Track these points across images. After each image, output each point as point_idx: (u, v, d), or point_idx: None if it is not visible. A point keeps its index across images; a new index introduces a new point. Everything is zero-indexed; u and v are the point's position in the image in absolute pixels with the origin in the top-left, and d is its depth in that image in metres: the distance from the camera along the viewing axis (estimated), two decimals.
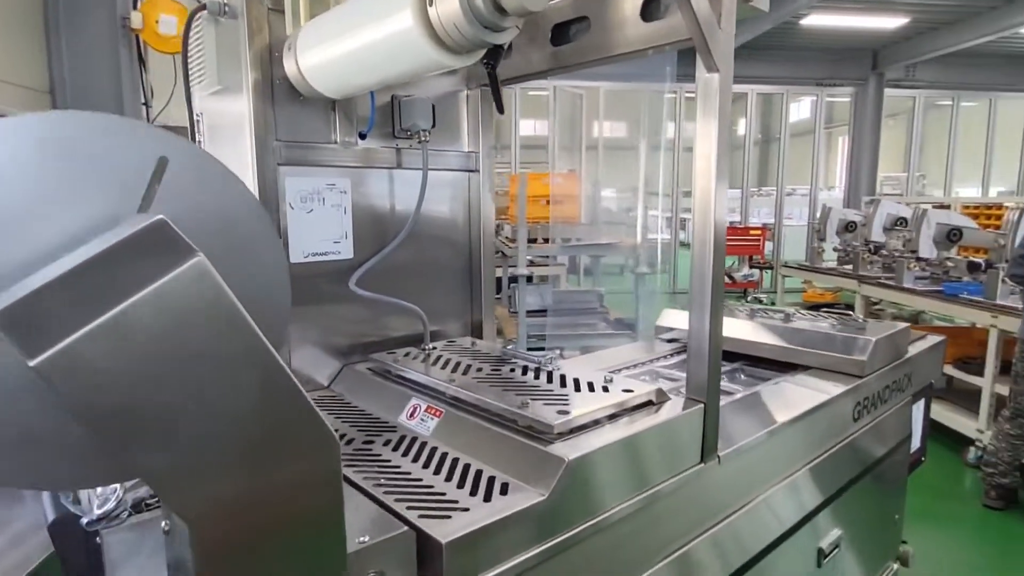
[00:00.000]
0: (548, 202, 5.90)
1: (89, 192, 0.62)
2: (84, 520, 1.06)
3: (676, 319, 2.31)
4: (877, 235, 5.84)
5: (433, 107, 1.57)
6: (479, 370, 1.39)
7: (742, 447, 1.36)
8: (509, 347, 1.54)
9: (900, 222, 5.69)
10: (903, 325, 2.13)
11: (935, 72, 11.42)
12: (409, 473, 1.05)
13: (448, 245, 1.75)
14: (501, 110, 1.12)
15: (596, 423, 1.15)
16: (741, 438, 1.38)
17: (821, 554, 1.74)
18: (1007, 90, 11.86)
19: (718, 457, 1.30)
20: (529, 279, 4.77)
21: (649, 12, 1.26)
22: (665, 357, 2.12)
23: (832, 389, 1.75)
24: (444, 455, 1.11)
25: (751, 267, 11.31)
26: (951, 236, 4.85)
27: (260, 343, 0.56)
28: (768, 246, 11.66)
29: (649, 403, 1.24)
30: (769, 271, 11.31)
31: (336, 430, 0.95)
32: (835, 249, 6.72)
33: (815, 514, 1.69)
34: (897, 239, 5.69)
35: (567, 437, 1.08)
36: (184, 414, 0.54)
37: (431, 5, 0.90)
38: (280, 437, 0.59)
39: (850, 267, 6.17)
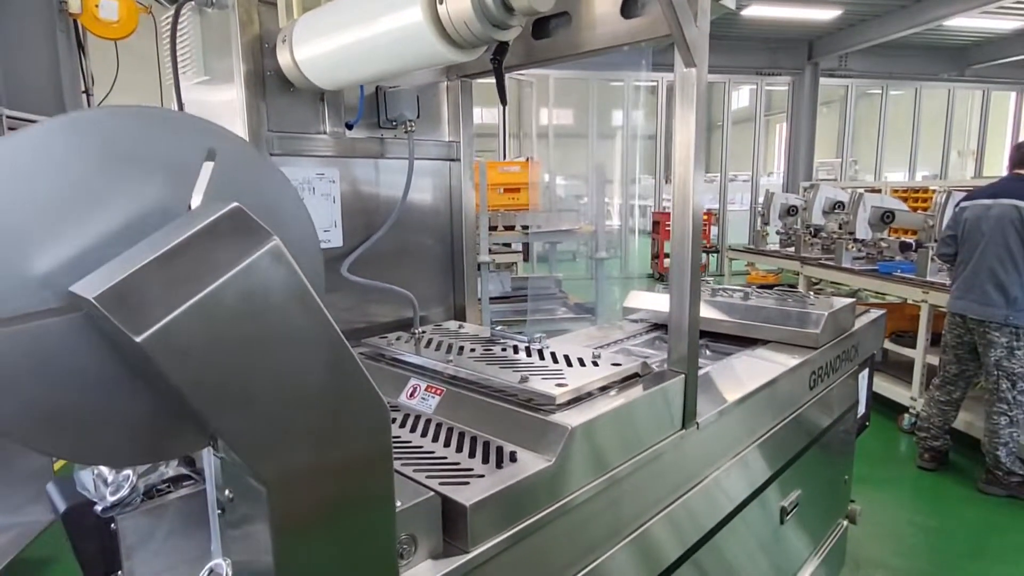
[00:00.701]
0: (505, 190, 5.97)
1: (142, 182, 0.65)
2: (99, 507, 1.08)
3: (643, 300, 2.42)
4: (817, 218, 6.15)
5: (417, 97, 1.62)
6: (472, 351, 1.45)
7: (717, 414, 1.48)
8: (497, 328, 1.61)
9: (838, 206, 6.01)
10: (850, 300, 2.30)
11: (866, 62, 11.99)
12: (421, 447, 1.11)
13: (431, 232, 1.80)
14: (504, 102, 1.18)
15: (590, 394, 1.24)
16: (715, 406, 1.50)
17: (784, 512, 1.89)
18: (930, 79, 12.56)
19: (697, 423, 1.41)
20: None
21: (629, 9, 1.34)
22: (635, 336, 2.23)
23: (790, 360, 1.89)
24: (451, 429, 1.18)
25: None
26: (884, 218, 5.16)
27: (327, 320, 0.62)
28: (713, 231, 12.07)
29: (636, 375, 1.34)
30: (715, 255, 11.71)
31: None
32: (777, 232, 7.05)
33: (778, 475, 1.83)
34: (835, 222, 6.02)
35: (567, 407, 1.16)
36: (264, 385, 0.59)
37: (441, 3, 0.95)
38: (343, 406, 0.65)
39: (792, 249, 6.49)
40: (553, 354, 1.41)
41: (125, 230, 0.64)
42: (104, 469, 1.13)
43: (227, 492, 0.67)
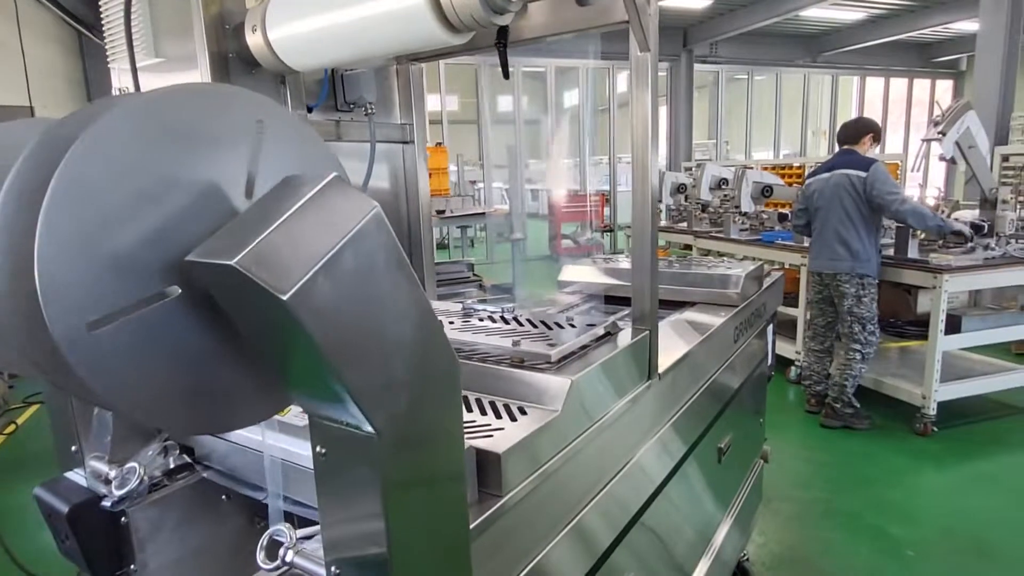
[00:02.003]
0: None
1: (204, 158, 0.68)
2: (107, 502, 1.07)
3: (577, 273, 2.57)
4: (705, 195, 6.64)
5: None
6: (451, 323, 1.52)
7: (672, 366, 1.64)
8: (468, 302, 1.69)
9: (723, 182, 6.52)
10: (759, 262, 2.58)
11: (733, 49, 12.94)
12: None
13: (387, 215, 1.83)
14: (507, 76, 1.28)
15: (574, 353, 1.35)
16: (669, 360, 1.66)
17: (720, 452, 2.12)
18: (788, 65, 13.77)
19: (659, 375, 1.56)
20: None
21: None
22: (574, 307, 2.37)
23: (719, 318, 2.11)
24: None
25: (593, 231, 12.18)
26: (764, 192, 5.68)
27: (416, 281, 0.68)
28: (606, 211, 12.61)
29: (608, 334, 1.47)
30: (609, 234, 12.25)
31: None
32: (668, 208, 7.54)
33: (716, 420, 2.05)
34: (719, 197, 6.54)
35: (560, 365, 1.27)
36: (374, 340, 0.64)
37: None
38: (429, 359, 0.71)
39: (684, 224, 6.97)
40: (529, 320, 1.50)
41: (191, 206, 0.66)
42: (105, 465, 1.10)
43: (320, 448, 0.71)
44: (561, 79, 12.32)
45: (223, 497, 1.20)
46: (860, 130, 4.18)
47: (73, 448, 1.14)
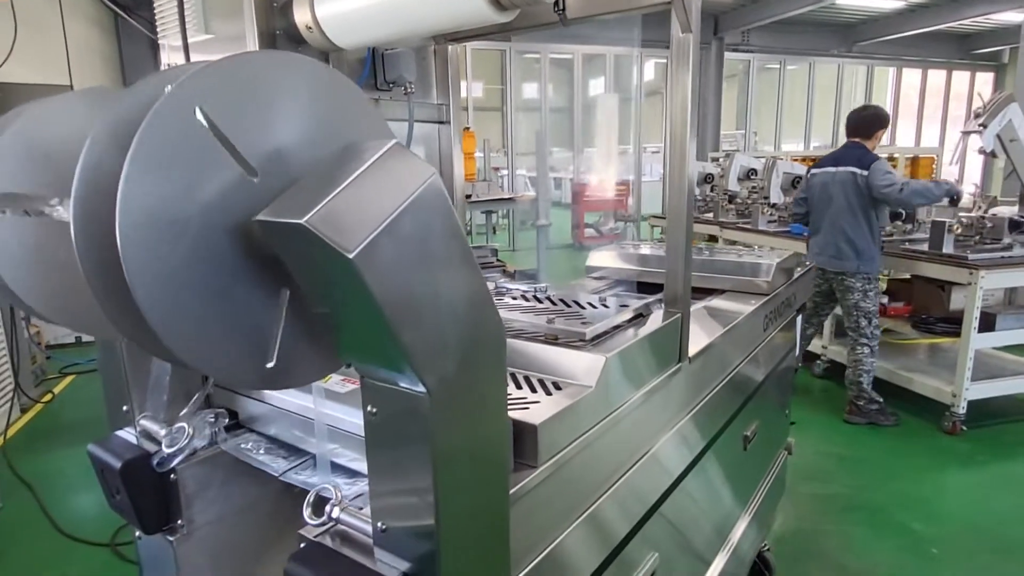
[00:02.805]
0: None
1: (276, 120, 0.70)
2: (156, 460, 1.11)
3: (605, 259, 2.58)
4: (733, 185, 6.57)
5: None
6: None
7: (701, 351, 1.65)
8: (500, 281, 1.71)
9: (752, 172, 6.44)
10: (790, 252, 2.56)
11: (766, 38, 12.70)
12: None
13: None
14: (567, 24, 1.36)
15: (607, 332, 1.36)
16: (698, 345, 1.67)
17: (746, 440, 2.12)
18: (822, 55, 13.49)
19: (689, 359, 1.57)
20: None
21: None
22: (602, 292, 2.38)
23: (748, 306, 2.10)
24: None
25: (616, 220, 12.12)
26: (795, 183, 5.60)
27: (469, 248, 0.70)
28: (628, 201, 12.52)
29: (640, 315, 1.48)
30: (632, 224, 12.17)
31: None
32: (695, 198, 7.46)
33: (743, 407, 2.05)
34: (747, 188, 6.47)
35: (594, 343, 1.28)
36: (429, 302, 0.66)
37: None
38: (479, 326, 0.73)
39: (710, 215, 6.91)
40: (562, 299, 1.52)
41: (259, 167, 0.69)
42: (155, 424, 1.15)
43: (370, 408, 0.74)
44: (588, 67, 12.23)
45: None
46: (872, 124, 4.12)
47: (124, 408, 1.19)
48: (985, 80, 14.95)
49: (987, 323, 3.99)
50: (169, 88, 0.58)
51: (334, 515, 0.87)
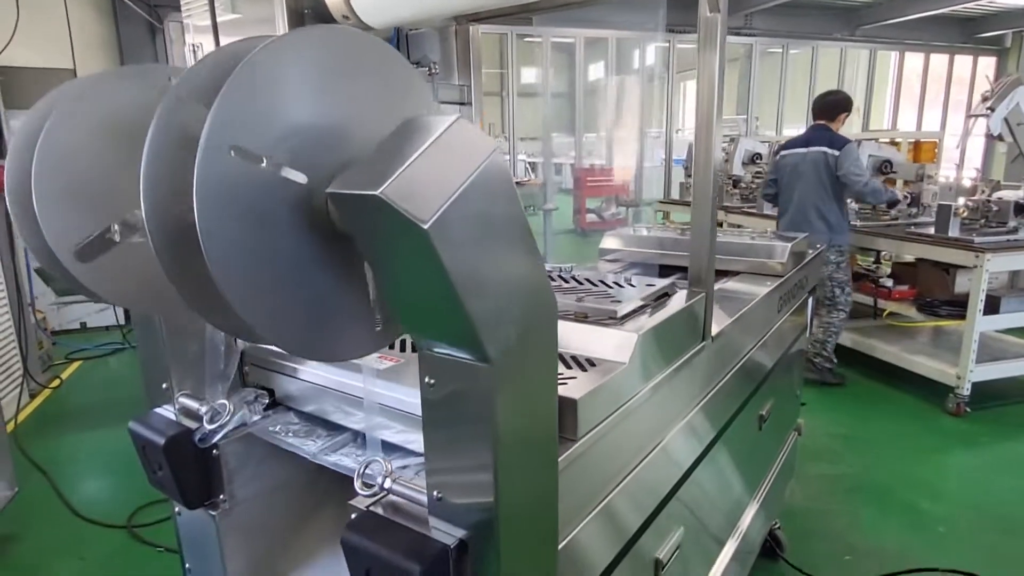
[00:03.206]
0: None
1: (346, 91, 0.72)
2: (198, 436, 1.13)
3: (618, 241, 2.59)
4: (737, 169, 6.57)
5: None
6: None
7: (722, 330, 1.67)
8: None
9: (756, 157, 6.44)
10: (805, 235, 2.57)
11: (769, 21, 12.62)
12: None
13: None
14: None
15: (636, 310, 1.38)
16: (719, 325, 1.69)
17: (761, 420, 2.15)
18: (826, 39, 13.41)
19: (712, 337, 1.59)
20: None
21: None
22: (617, 274, 2.40)
23: (764, 288, 2.12)
24: None
25: (618, 206, 12.11)
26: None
27: (526, 219, 0.71)
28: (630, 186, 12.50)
29: (666, 294, 1.50)
30: (635, 209, 12.16)
31: None
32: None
33: (759, 387, 2.08)
34: (751, 172, 6.46)
35: (624, 320, 1.30)
36: (493, 273, 0.68)
37: None
38: (535, 297, 0.75)
39: None
40: (588, 279, 1.54)
41: (328, 137, 0.71)
42: (195, 402, 1.17)
43: (428, 379, 0.76)
44: (589, 51, 12.14)
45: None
46: (836, 107, 4.48)
47: (164, 385, 1.20)
48: (987, 64, 14.88)
49: (992, 306, 4.02)
50: (258, 48, 0.59)
51: (385, 485, 0.88)
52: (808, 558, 2.59)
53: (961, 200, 4.74)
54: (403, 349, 1.23)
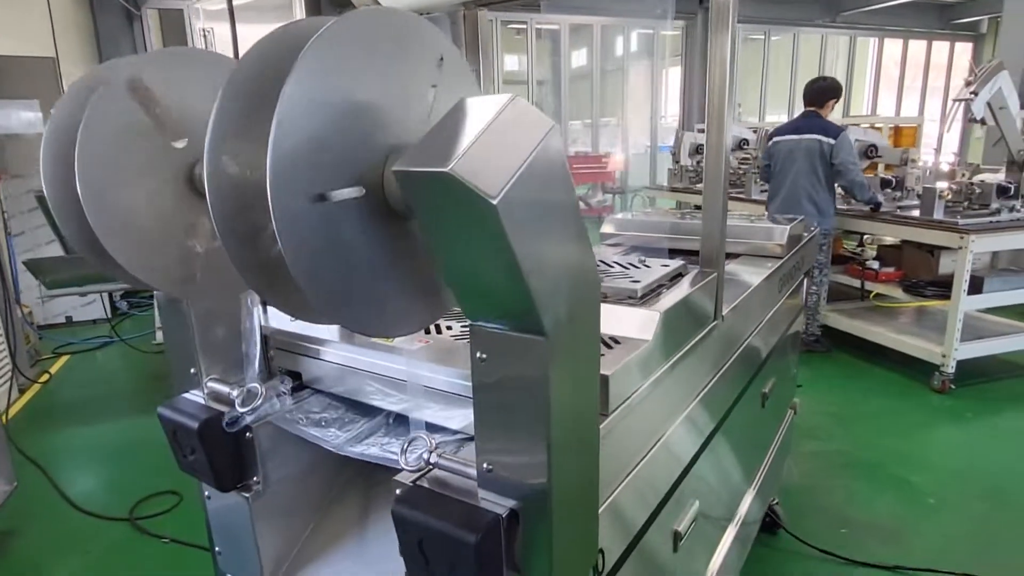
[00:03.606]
0: None
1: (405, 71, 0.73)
2: (227, 420, 1.14)
3: (620, 225, 2.61)
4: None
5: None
6: None
7: (731, 310, 1.71)
8: None
9: (743, 143, 6.50)
10: (801, 218, 2.62)
11: (751, 7, 12.68)
12: None
13: None
14: None
15: (654, 290, 1.41)
16: (727, 305, 1.73)
17: (764, 398, 2.20)
18: (807, 25, 13.52)
19: (722, 316, 1.63)
20: None
21: None
22: (626, 255, 2.43)
23: (765, 269, 2.17)
24: None
25: (604, 193, 12.15)
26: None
27: (576, 195, 0.73)
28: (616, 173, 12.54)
29: (680, 275, 1.53)
30: (620, 196, 12.22)
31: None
32: (687, 170, 7.52)
33: (762, 367, 2.13)
34: (738, 158, 6.53)
35: (645, 300, 1.33)
36: (549, 247, 0.70)
37: None
38: (583, 271, 0.77)
39: (702, 185, 6.96)
40: (603, 260, 1.56)
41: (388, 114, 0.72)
42: (225, 386, 1.18)
43: (480, 354, 0.78)
44: (574, 38, 12.13)
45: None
46: (825, 93, 4.61)
47: (192, 370, 1.21)
48: (964, 50, 15.11)
49: (975, 286, 4.12)
50: (331, 22, 0.60)
51: (431, 460, 0.91)
52: (806, 533, 2.66)
53: (942, 184, 4.88)
54: (427, 332, 1.25)
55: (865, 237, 5.18)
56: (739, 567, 2.11)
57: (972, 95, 4.11)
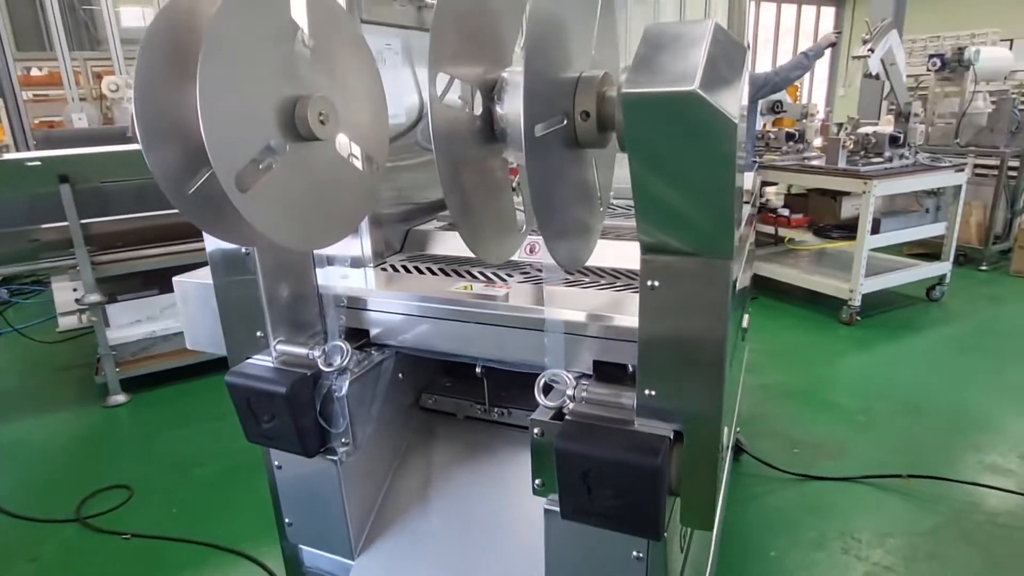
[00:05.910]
0: None
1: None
2: (318, 374, 1.09)
3: None
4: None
5: None
6: None
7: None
8: None
9: None
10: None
11: None
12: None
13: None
14: None
15: None
16: None
17: (743, 332, 2.36)
18: None
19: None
20: None
21: None
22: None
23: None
24: (601, 269, 1.33)
25: None
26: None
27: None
28: None
29: None
30: None
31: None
32: None
33: (744, 301, 2.28)
34: None
35: None
36: (739, 167, 0.72)
37: None
38: (738, 195, 0.80)
39: None
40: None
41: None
42: (301, 347, 1.12)
43: (651, 283, 0.79)
44: None
45: (398, 375, 1.24)
46: None
47: (259, 334, 1.13)
48: (828, 15, 16.35)
49: (875, 227, 4.58)
50: None
51: (571, 393, 0.92)
52: (764, 455, 2.91)
53: (818, 140, 5.34)
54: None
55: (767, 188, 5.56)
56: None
57: (870, 52, 4.49)
